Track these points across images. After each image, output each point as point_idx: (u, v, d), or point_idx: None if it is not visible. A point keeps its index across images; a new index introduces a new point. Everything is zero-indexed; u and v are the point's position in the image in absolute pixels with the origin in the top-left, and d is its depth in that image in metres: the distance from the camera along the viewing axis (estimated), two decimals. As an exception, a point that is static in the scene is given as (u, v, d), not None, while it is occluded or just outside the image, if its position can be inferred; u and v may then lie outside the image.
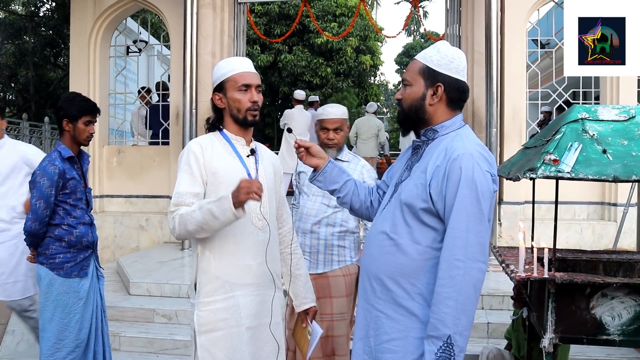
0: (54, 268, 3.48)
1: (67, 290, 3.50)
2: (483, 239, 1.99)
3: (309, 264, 3.49)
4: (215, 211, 2.27)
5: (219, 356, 2.43)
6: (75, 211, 3.53)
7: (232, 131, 2.57)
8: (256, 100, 2.52)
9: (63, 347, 3.50)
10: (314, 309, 2.79)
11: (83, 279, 3.57)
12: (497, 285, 5.48)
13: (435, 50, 2.19)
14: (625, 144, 2.74)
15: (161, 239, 8.45)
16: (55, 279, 3.48)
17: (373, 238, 2.24)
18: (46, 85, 18.67)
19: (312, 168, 2.47)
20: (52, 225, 3.49)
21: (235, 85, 2.51)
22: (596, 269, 3.41)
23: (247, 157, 2.55)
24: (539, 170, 2.64)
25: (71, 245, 3.51)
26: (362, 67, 23.32)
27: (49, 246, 3.49)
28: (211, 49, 8.16)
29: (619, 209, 7.08)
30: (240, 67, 2.55)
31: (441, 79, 2.14)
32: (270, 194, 2.60)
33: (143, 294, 5.85)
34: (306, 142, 2.47)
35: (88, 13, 8.73)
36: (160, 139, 8.90)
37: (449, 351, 1.92)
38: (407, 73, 2.23)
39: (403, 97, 2.22)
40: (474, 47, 7.77)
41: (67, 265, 3.50)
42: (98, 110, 3.62)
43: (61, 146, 3.53)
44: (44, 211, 3.41)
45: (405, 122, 2.25)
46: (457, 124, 2.18)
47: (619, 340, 2.77)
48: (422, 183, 2.08)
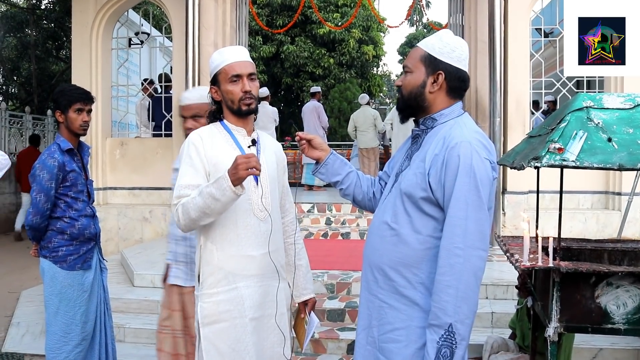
0: (57, 261, 3.47)
1: (71, 282, 3.50)
2: (483, 226, 1.99)
3: (185, 276, 3.14)
4: (215, 193, 2.25)
5: (222, 348, 2.43)
6: (76, 204, 3.52)
7: (231, 122, 2.56)
8: (248, 90, 2.48)
9: (70, 341, 3.51)
10: (313, 299, 2.79)
11: (87, 271, 3.57)
12: (501, 275, 5.47)
13: (438, 38, 2.18)
14: (631, 132, 2.72)
15: (165, 231, 8.45)
16: (58, 271, 3.47)
17: (374, 228, 2.24)
18: (49, 78, 18.67)
19: (315, 160, 2.48)
20: (54, 218, 3.48)
21: (226, 77, 2.48)
22: (601, 258, 3.39)
23: (248, 147, 2.54)
24: (544, 159, 2.62)
25: (73, 238, 3.51)
26: (364, 58, 23.25)
27: (52, 239, 3.49)
28: (213, 40, 8.14)
29: (623, 198, 7.06)
30: (231, 57, 2.51)
31: (442, 67, 2.13)
32: (273, 184, 2.58)
33: (147, 286, 5.86)
34: (308, 135, 2.46)
35: (90, 5, 8.70)
36: (163, 130, 8.90)
37: (450, 339, 1.92)
38: (408, 60, 2.22)
39: (403, 84, 2.21)
40: (477, 37, 7.74)
41: (70, 257, 3.50)
42: (89, 97, 3.57)
43: (60, 139, 3.52)
44: (44, 204, 3.40)
45: (405, 109, 2.24)
46: (456, 112, 2.17)
47: (624, 329, 2.77)
48: (421, 172, 2.08)
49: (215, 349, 2.43)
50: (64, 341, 3.49)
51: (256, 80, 2.55)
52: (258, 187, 2.51)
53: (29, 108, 14.17)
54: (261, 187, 2.52)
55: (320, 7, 21.28)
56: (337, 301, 5.24)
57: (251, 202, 2.47)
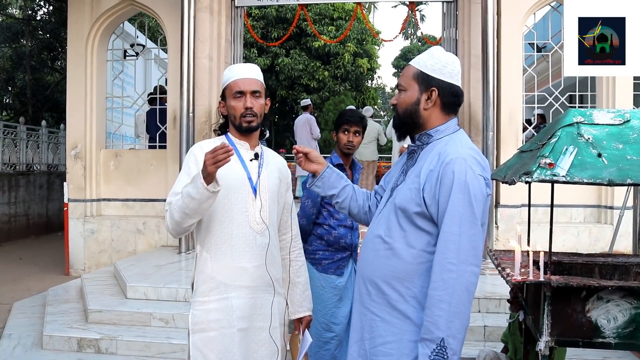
0: (313, 263, 3.70)
1: (323, 284, 3.69)
2: (476, 242, 2.01)
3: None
4: (191, 192, 2.28)
5: (210, 356, 2.44)
6: (338, 214, 3.69)
7: (235, 136, 2.61)
8: (249, 106, 2.53)
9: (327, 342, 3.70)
10: (308, 317, 2.80)
11: (340, 277, 3.74)
12: (493, 289, 5.48)
13: (429, 55, 2.21)
14: (620, 147, 2.74)
15: (158, 243, 8.45)
16: (314, 273, 3.66)
17: (368, 242, 2.26)
18: (43, 89, 18.66)
19: (311, 174, 2.50)
20: (317, 224, 3.72)
21: (231, 93, 2.55)
22: (592, 272, 3.41)
23: (250, 161, 2.56)
24: (535, 174, 2.64)
25: (330, 244, 3.70)
26: (359, 71, 23.36)
27: (312, 243, 3.73)
28: (208, 53, 8.18)
29: (615, 212, 7.09)
30: (238, 74, 2.57)
31: (435, 83, 2.16)
32: (272, 198, 2.60)
33: (140, 298, 5.84)
34: (305, 148, 2.49)
35: (85, 17, 8.73)
36: (158, 142, 8.90)
37: (442, 354, 1.94)
38: (401, 78, 2.26)
39: (398, 102, 2.25)
40: (470, 51, 7.80)
41: (325, 262, 3.71)
42: (354, 121, 3.74)
43: (334, 155, 3.80)
44: (310, 209, 3.68)
45: (401, 127, 2.28)
46: (451, 128, 2.20)
47: (614, 343, 2.77)
48: (416, 187, 2.10)
49: (203, 357, 2.45)
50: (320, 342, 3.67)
51: (261, 98, 2.59)
52: (257, 199, 2.53)
53: (24, 119, 14.13)
54: (260, 200, 2.54)
55: (315, 20, 21.38)
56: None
57: (248, 214, 2.50)
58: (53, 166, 14.68)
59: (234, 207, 2.49)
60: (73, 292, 6.89)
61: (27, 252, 10.97)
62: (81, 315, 5.83)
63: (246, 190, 2.51)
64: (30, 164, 13.78)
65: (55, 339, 5.24)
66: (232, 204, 2.48)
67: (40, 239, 12.80)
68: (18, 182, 12.93)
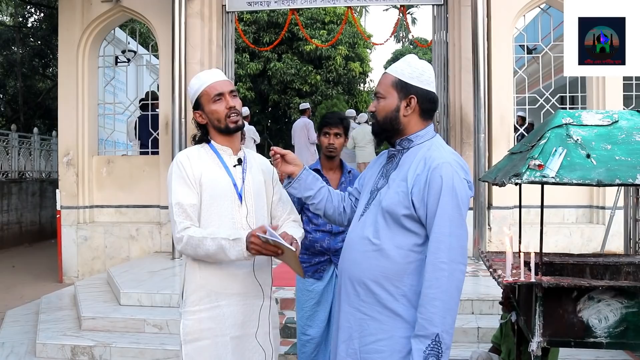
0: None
1: (300, 287, 3.74)
2: (463, 241, 2.13)
3: None
4: (227, 249, 2.32)
5: None
6: (317, 219, 3.67)
7: (218, 142, 2.59)
8: (232, 106, 2.53)
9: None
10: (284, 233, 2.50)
11: (318, 281, 3.72)
12: (487, 290, 5.50)
13: (406, 63, 2.30)
14: (609, 148, 2.76)
15: (152, 249, 8.43)
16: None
17: (354, 244, 2.32)
18: (35, 96, 18.61)
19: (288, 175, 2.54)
20: None
21: (209, 98, 2.53)
22: (583, 273, 3.43)
23: (233, 166, 2.56)
24: (524, 176, 2.66)
25: (306, 248, 3.70)
26: (351, 74, 23.37)
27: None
28: (200, 58, 8.18)
29: (606, 212, 7.13)
30: (209, 79, 2.56)
31: (414, 91, 2.26)
32: (259, 202, 2.59)
33: (134, 304, 5.83)
34: (282, 150, 2.52)
35: (76, 23, 8.72)
36: (150, 148, 8.89)
37: (437, 348, 2.03)
38: (380, 86, 2.33)
39: (377, 109, 2.33)
40: (461, 54, 7.84)
41: (302, 265, 3.66)
42: (334, 123, 3.76)
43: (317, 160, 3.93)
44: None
45: (381, 133, 2.36)
46: (430, 134, 2.31)
47: (606, 342, 2.79)
48: (404, 191, 2.19)
49: None
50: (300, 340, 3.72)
51: (238, 97, 2.59)
52: (242, 206, 2.52)
53: (15, 126, 14.09)
54: (245, 206, 2.53)
55: (306, 25, 21.39)
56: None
57: (235, 220, 2.49)
58: (45, 173, 14.62)
59: (220, 215, 2.47)
60: (66, 299, 6.87)
61: (20, 259, 10.92)
62: (75, 323, 5.81)
63: (232, 197, 2.50)
64: (23, 171, 13.72)
65: (49, 346, 5.22)
66: (218, 212, 2.47)
67: (34, 247, 12.75)
68: (10, 190, 12.88)
